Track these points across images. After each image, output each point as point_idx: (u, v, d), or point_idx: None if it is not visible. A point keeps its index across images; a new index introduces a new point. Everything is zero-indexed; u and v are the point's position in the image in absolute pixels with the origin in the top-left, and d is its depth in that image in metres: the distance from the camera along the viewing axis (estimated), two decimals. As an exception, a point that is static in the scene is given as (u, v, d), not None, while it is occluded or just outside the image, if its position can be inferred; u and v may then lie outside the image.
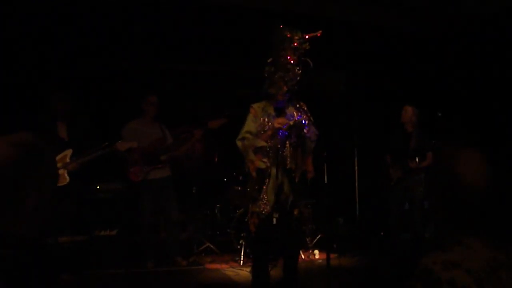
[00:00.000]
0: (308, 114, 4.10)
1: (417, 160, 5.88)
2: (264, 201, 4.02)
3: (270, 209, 4.00)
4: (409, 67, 7.27)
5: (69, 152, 5.11)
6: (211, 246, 6.52)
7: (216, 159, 7.06)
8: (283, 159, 4.06)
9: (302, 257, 5.89)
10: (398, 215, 6.18)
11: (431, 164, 5.80)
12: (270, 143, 4.05)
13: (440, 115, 6.22)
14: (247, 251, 5.85)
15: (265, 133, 4.08)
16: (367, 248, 6.56)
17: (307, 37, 3.94)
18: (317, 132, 4.16)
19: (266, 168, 4.06)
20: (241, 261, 5.82)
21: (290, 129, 4.03)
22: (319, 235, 6.58)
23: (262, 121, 4.13)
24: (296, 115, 4.15)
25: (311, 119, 4.10)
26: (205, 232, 6.84)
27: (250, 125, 4.17)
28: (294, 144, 4.09)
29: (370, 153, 7.02)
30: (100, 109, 6.81)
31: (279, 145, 4.03)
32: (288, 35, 3.93)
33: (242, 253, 5.88)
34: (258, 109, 4.18)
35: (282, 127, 4.00)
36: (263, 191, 4.04)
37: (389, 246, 6.25)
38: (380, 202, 6.66)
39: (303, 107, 4.14)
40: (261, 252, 4.19)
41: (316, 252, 6.28)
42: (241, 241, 5.98)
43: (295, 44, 3.91)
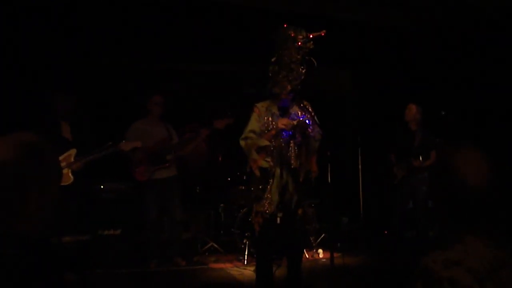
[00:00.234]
0: (312, 114, 4.10)
1: (421, 158, 5.86)
2: (268, 200, 4.03)
3: (274, 209, 4.01)
4: (413, 65, 7.25)
5: (73, 152, 5.11)
6: (215, 246, 6.52)
7: (220, 158, 7.06)
8: (287, 158, 4.06)
9: (306, 256, 5.88)
10: (402, 214, 6.16)
11: (434, 162, 5.78)
12: (274, 142, 4.05)
13: (443, 113, 6.21)
14: (251, 250, 5.85)
15: (268, 132, 4.08)
16: (371, 247, 6.55)
17: (311, 36, 3.94)
18: (321, 131, 4.15)
19: (270, 168, 4.05)
20: (245, 261, 5.82)
21: (294, 128, 4.03)
22: (323, 234, 6.57)
23: (266, 120, 4.12)
24: (300, 114, 4.15)
25: (316, 118, 4.09)
26: (209, 231, 6.84)
27: (253, 124, 4.17)
28: (298, 143, 4.09)
29: (374, 152, 7.01)
30: (104, 108, 6.82)
31: (283, 145, 4.03)
32: (292, 35, 3.93)
33: (246, 252, 5.88)
34: (262, 108, 4.18)
35: (285, 127, 4.00)
36: (267, 191, 4.04)
37: (393, 245, 6.23)
38: (384, 201, 6.65)
39: (307, 107, 4.13)
40: (265, 251, 4.19)
41: (320, 251, 6.28)
42: (245, 240, 5.97)
43: (299, 43, 3.91)
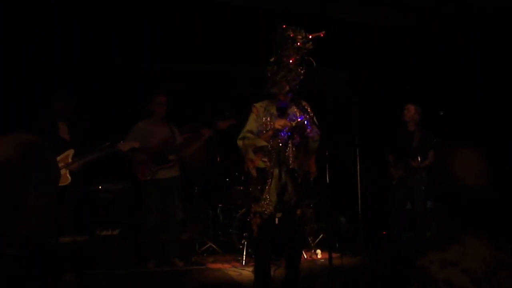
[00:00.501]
0: (311, 114, 4.09)
1: (419, 159, 5.86)
2: (266, 201, 4.02)
3: (273, 209, 4.00)
4: (411, 66, 7.25)
5: (71, 152, 5.10)
6: (213, 246, 6.51)
7: (218, 159, 7.05)
8: (286, 159, 4.05)
9: (304, 256, 5.88)
10: (400, 214, 6.16)
11: (432, 163, 5.78)
12: (272, 143, 4.04)
13: (442, 114, 6.21)
14: (249, 251, 5.84)
15: (266, 133, 4.07)
16: (369, 247, 6.54)
17: (310, 37, 3.94)
18: (319, 132, 4.14)
19: (268, 168, 4.05)
20: (243, 261, 5.81)
21: (292, 130, 4.02)
22: (321, 235, 6.57)
23: (264, 120, 4.12)
24: (298, 115, 4.14)
25: (314, 119, 4.09)
26: (207, 232, 6.82)
27: (251, 125, 4.16)
28: (296, 144, 4.09)
29: (372, 152, 7.01)
30: (101, 108, 6.80)
31: (281, 145, 4.02)
32: (291, 35, 3.92)
33: (244, 253, 5.87)
34: (260, 108, 4.17)
35: (282, 129, 3.99)
36: (265, 191, 4.04)
37: (391, 245, 6.24)
38: (382, 202, 6.64)
39: (306, 107, 4.13)
40: (263, 252, 4.18)
41: (318, 251, 6.27)
42: (243, 241, 5.97)
43: (298, 43, 3.91)
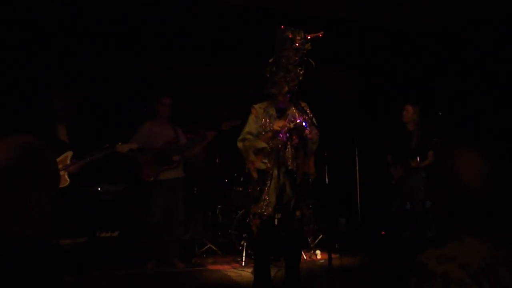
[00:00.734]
0: (310, 115, 4.09)
1: (418, 159, 5.86)
2: (266, 202, 4.02)
3: (272, 210, 4.00)
4: (410, 66, 7.26)
5: (69, 154, 5.10)
6: (213, 247, 6.51)
7: (217, 160, 7.05)
8: (285, 160, 4.05)
9: (304, 257, 5.88)
10: (400, 214, 6.16)
11: (432, 163, 5.79)
12: (271, 144, 4.04)
13: (440, 114, 6.21)
14: (249, 252, 5.84)
15: (265, 134, 4.07)
16: (368, 248, 6.54)
17: (309, 37, 3.93)
18: (318, 133, 4.13)
19: (267, 169, 4.05)
20: (243, 262, 5.81)
21: (291, 131, 4.02)
22: (320, 235, 6.56)
23: (264, 122, 4.12)
24: (298, 116, 4.13)
25: (314, 120, 4.08)
26: (206, 233, 6.82)
27: (251, 126, 4.16)
28: (295, 145, 4.08)
29: (371, 152, 7.01)
30: (100, 110, 6.80)
31: (280, 146, 4.02)
32: (290, 36, 3.92)
33: (243, 254, 5.87)
34: (259, 109, 4.17)
35: (281, 130, 3.99)
36: (264, 192, 4.03)
37: (390, 245, 6.24)
38: (382, 202, 6.65)
39: (305, 108, 4.13)
40: (263, 253, 4.18)
41: (318, 252, 6.27)
42: (242, 242, 5.97)
43: (297, 44, 3.90)
